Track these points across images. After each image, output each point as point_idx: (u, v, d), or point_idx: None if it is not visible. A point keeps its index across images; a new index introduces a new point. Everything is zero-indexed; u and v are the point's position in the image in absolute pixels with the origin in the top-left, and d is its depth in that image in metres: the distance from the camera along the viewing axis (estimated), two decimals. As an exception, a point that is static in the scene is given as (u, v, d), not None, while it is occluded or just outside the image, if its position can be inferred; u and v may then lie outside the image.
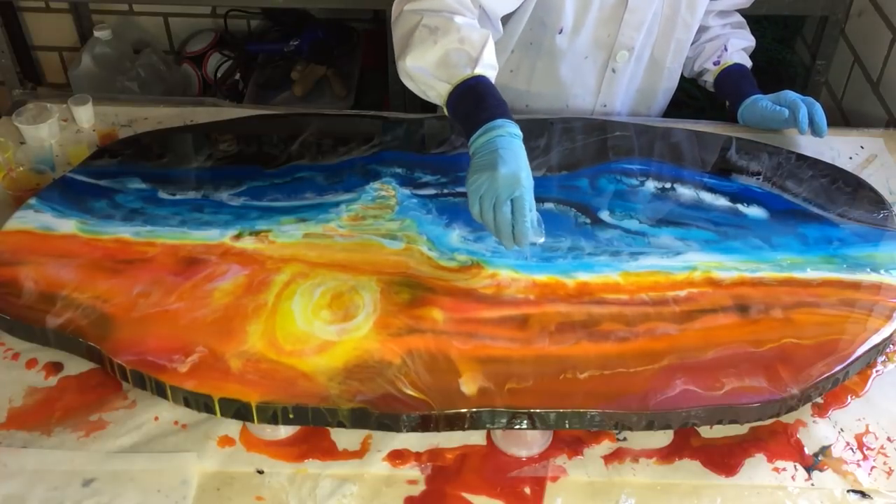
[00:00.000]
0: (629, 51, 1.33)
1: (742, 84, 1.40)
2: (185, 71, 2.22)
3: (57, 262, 1.04)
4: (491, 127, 1.03)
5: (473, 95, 1.06)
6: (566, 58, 1.33)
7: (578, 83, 1.37)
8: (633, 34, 1.31)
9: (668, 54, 1.37)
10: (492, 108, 1.05)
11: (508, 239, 1.00)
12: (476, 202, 1.00)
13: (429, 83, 1.10)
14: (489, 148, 1.01)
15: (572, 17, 1.29)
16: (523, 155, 1.02)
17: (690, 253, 1.09)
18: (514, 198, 0.99)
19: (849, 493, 0.89)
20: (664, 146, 1.30)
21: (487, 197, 0.99)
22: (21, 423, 0.93)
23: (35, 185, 1.22)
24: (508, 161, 0.99)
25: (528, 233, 0.99)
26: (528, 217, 0.98)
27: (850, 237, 1.12)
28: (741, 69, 1.43)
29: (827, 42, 1.85)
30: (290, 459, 0.91)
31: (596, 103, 1.40)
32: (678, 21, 1.32)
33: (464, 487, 0.88)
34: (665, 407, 0.89)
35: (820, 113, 1.29)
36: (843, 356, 0.95)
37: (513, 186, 0.98)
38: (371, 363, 0.92)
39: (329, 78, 2.13)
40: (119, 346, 0.94)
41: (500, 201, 0.98)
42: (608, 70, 1.35)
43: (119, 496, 0.86)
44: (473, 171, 1.01)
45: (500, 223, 0.99)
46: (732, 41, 1.43)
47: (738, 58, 1.43)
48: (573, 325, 0.98)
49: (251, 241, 1.08)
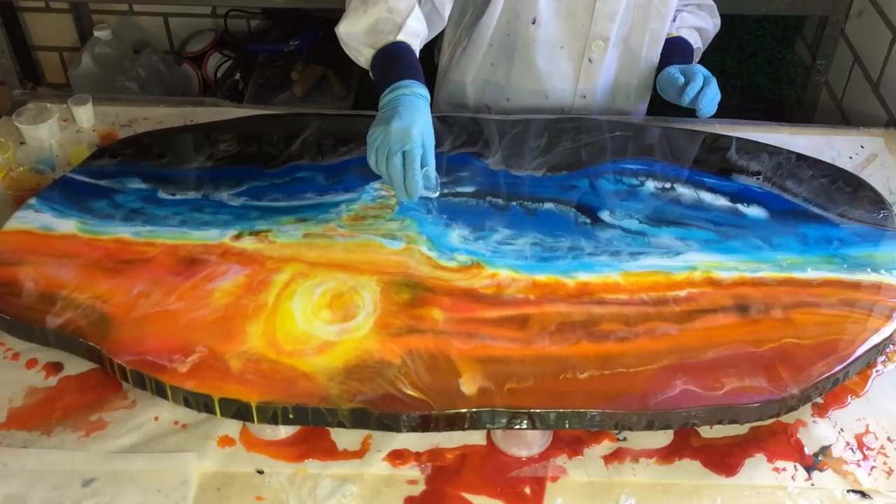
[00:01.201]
0: (604, 40, 1.33)
1: (672, 56, 1.38)
2: (185, 71, 2.22)
3: (57, 262, 1.04)
4: (398, 86, 1.10)
5: (391, 58, 1.14)
6: (542, 48, 1.34)
7: (556, 74, 1.37)
8: (606, 24, 1.31)
9: (643, 44, 1.36)
10: (404, 70, 1.12)
11: (401, 190, 1.06)
12: (372, 153, 1.06)
13: (358, 48, 1.18)
14: (391, 105, 1.08)
15: (545, 7, 1.30)
16: (423, 114, 1.08)
17: (690, 253, 1.09)
18: (405, 151, 1.04)
19: (849, 493, 0.89)
20: (664, 146, 1.30)
21: (381, 149, 1.05)
22: (21, 423, 0.93)
23: (35, 185, 1.22)
24: (404, 117, 1.06)
25: (418, 186, 1.05)
26: (416, 171, 1.04)
27: (851, 237, 1.12)
28: (682, 43, 1.40)
29: (827, 42, 1.85)
30: (290, 459, 0.91)
31: (575, 94, 1.40)
32: (652, 10, 1.32)
33: (464, 487, 0.88)
34: (665, 407, 0.89)
35: (710, 93, 1.27)
36: (843, 356, 0.95)
37: (403, 140, 1.04)
38: (371, 363, 0.92)
39: (329, 78, 2.13)
40: (119, 346, 0.94)
41: (391, 153, 1.04)
42: (585, 60, 1.36)
43: (119, 496, 0.86)
44: (373, 125, 1.07)
45: (392, 174, 1.05)
46: (684, 15, 1.41)
47: (685, 33, 1.41)
48: (573, 325, 0.98)
49: (251, 241, 1.08)
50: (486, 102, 1.44)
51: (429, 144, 1.07)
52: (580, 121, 1.34)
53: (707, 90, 1.27)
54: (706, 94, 1.27)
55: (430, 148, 1.07)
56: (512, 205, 1.16)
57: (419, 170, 1.04)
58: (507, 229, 1.12)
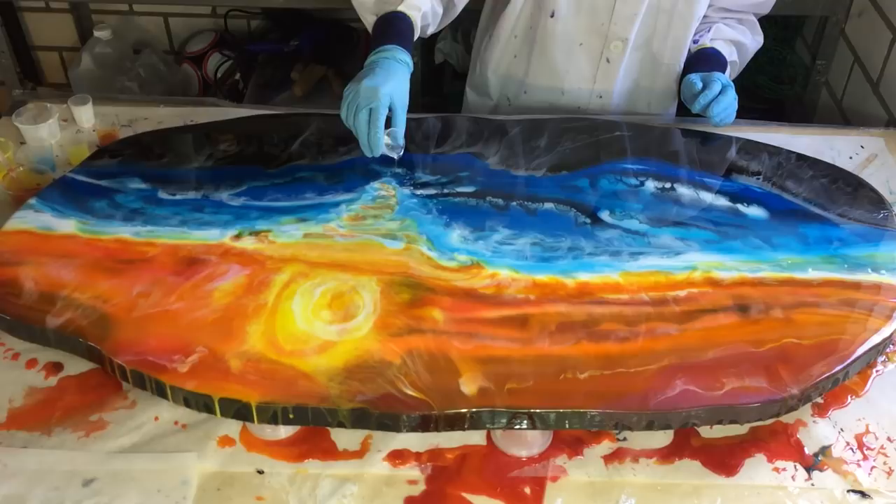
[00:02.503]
0: (623, 41, 1.33)
1: (702, 65, 1.35)
2: (185, 71, 2.22)
3: (57, 262, 1.04)
4: (382, 49, 1.18)
5: (387, 25, 1.22)
6: (560, 43, 1.34)
7: (573, 70, 1.38)
8: (626, 25, 1.31)
9: (665, 50, 1.36)
10: (392, 37, 1.19)
11: (365, 145, 1.12)
12: (344, 107, 1.13)
13: (364, 16, 1.27)
14: (371, 66, 1.16)
15: (565, 1, 1.30)
16: (398, 76, 1.15)
17: (690, 253, 1.09)
18: (371, 108, 1.10)
19: (849, 493, 0.89)
20: (664, 146, 1.30)
21: (351, 104, 1.12)
22: (21, 423, 0.93)
23: (35, 185, 1.22)
24: (378, 76, 1.13)
25: (379, 143, 1.11)
26: (379, 128, 1.10)
27: (851, 237, 1.12)
28: (714, 54, 1.37)
29: (827, 42, 1.85)
30: (291, 459, 0.91)
31: (592, 93, 1.40)
32: (675, 17, 1.32)
33: (464, 487, 0.88)
34: (665, 407, 0.89)
35: (725, 101, 1.27)
36: (843, 356, 0.95)
37: (370, 98, 1.10)
38: (371, 363, 0.92)
39: (329, 78, 2.13)
40: (119, 346, 0.94)
41: (358, 109, 1.10)
42: (602, 59, 1.36)
43: (119, 496, 0.86)
44: (351, 81, 1.14)
45: (357, 129, 1.12)
46: (720, 27, 1.39)
47: (719, 45, 1.39)
48: (573, 325, 0.98)
49: (251, 241, 1.08)
50: (506, 94, 1.45)
51: (398, 106, 1.13)
52: (580, 121, 1.34)
53: (722, 98, 1.27)
54: (720, 101, 1.27)
55: (401, 110, 1.14)
56: (512, 205, 1.16)
57: (382, 127, 1.11)
58: (507, 229, 1.12)
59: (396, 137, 1.14)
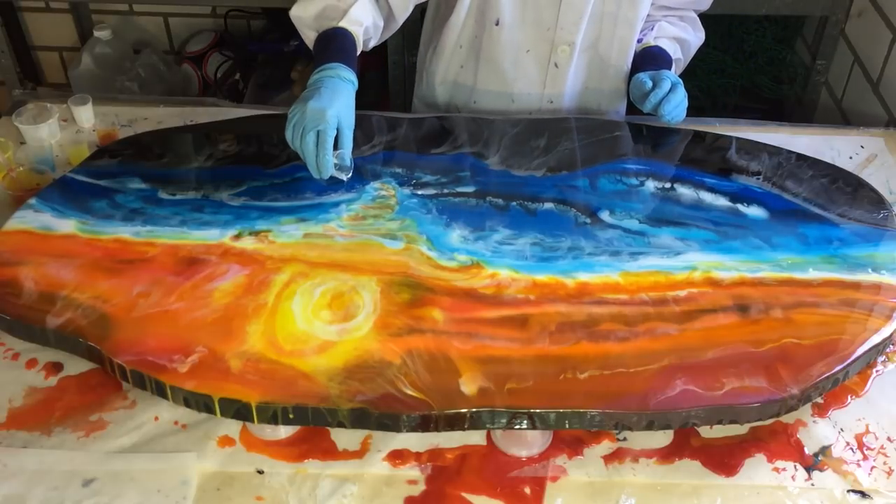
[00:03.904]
0: (570, 46, 1.32)
1: (648, 64, 1.34)
2: (185, 71, 2.22)
3: (57, 262, 1.04)
4: (326, 68, 1.15)
5: (329, 42, 1.19)
6: (506, 51, 1.33)
7: (522, 77, 1.37)
8: (571, 29, 1.30)
9: (612, 52, 1.35)
10: (335, 54, 1.17)
11: (313, 168, 1.10)
12: (289, 129, 1.10)
13: (305, 32, 1.24)
14: (315, 85, 1.13)
15: (509, 9, 1.29)
16: (344, 97, 1.13)
17: (690, 253, 1.09)
18: (318, 130, 1.08)
19: (849, 493, 0.89)
20: (664, 146, 1.30)
21: (297, 126, 1.09)
22: (21, 423, 0.93)
23: (35, 185, 1.22)
24: (324, 97, 1.10)
25: (328, 165, 1.09)
26: (328, 151, 1.08)
27: (851, 237, 1.12)
28: (659, 52, 1.36)
29: (827, 42, 1.85)
30: (290, 459, 0.91)
31: (542, 98, 1.39)
32: (619, 18, 1.31)
33: (464, 487, 0.88)
34: (665, 407, 0.89)
35: (675, 99, 1.25)
36: (843, 356, 0.95)
37: (318, 120, 1.08)
38: (371, 363, 0.92)
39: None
40: (119, 346, 0.94)
41: (305, 131, 1.08)
42: (551, 64, 1.35)
43: (119, 496, 0.86)
44: (296, 102, 1.12)
45: (304, 152, 1.09)
46: (663, 25, 1.38)
47: (664, 43, 1.38)
48: (573, 325, 0.98)
49: (251, 241, 1.08)
50: (455, 104, 1.43)
51: (346, 127, 1.12)
52: (580, 121, 1.34)
53: (672, 96, 1.25)
54: (670, 99, 1.25)
55: (348, 131, 1.12)
56: (512, 205, 1.16)
57: (331, 150, 1.09)
58: (507, 229, 1.12)
59: (344, 159, 1.12)
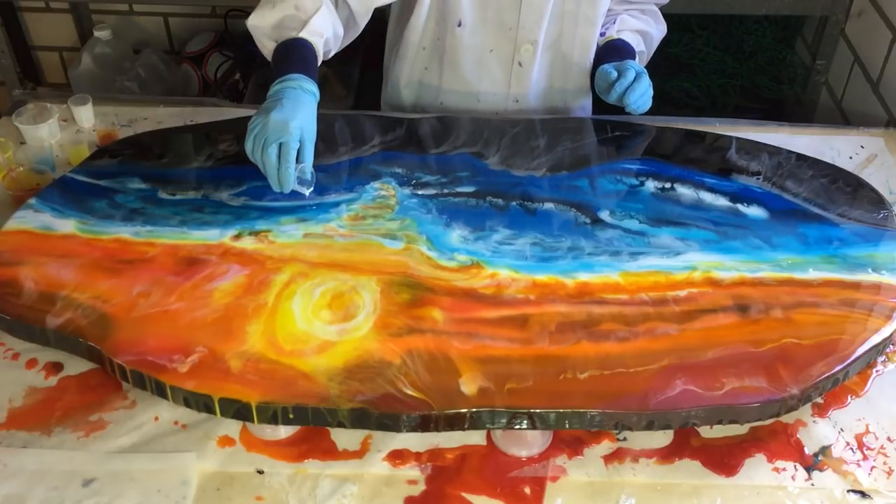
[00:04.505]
0: (533, 44, 1.32)
1: (612, 57, 1.33)
2: (185, 71, 2.22)
3: (57, 262, 1.04)
4: (287, 79, 1.13)
5: (289, 52, 1.16)
6: (470, 51, 1.33)
7: (486, 77, 1.37)
8: (533, 28, 1.30)
9: (574, 49, 1.35)
10: (296, 64, 1.14)
11: (274, 181, 1.08)
12: (249, 141, 1.08)
13: (263, 42, 1.20)
14: (276, 96, 1.11)
15: (469, 11, 1.29)
16: (306, 108, 1.11)
17: (690, 253, 1.09)
18: (281, 143, 1.06)
19: (849, 493, 0.89)
20: (664, 146, 1.30)
21: (259, 138, 1.07)
22: (21, 423, 0.93)
23: (35, 185, 1.22)
24: (286, 109, 1.08)
25: (290, 179, 1.07)
26: (291, 163, 1.07)
27: (851, 237, 1.12)
28: (623, 45, 1.36)
29: (827, 42, 1.85)
30: (290, 459, 0.91)
31: (508, 97, 1.39)
32: (580, 16, 1.31)
33: (464, 487, 0.88)
34: (665, 407, 0.89)
35: (640, 88, 1.24)
36: (843, 356, 0.95)
37: (280, 132, 1.06)
38: (371, 363, 0.92)
39: (329, 78, 2.12)
40: (119, 346, 0.94)
41: (267, 143, 1.06)
42: (515, 63, 1.35)
43: (119, 496, 0.86)
44: (256, 114, 1.10)
45: (266, 164, 1.07)
46: (624, 18, 1.39)
47: (626, 36, 1.38)
48: (573, 325, 0.98)
49: (251, 241, 1.08)
50: (422, 105, 1.43)
51: (308, 139, 1.10)
52: (580, 121, 1.34)
53: (637, 85, 1.24)
54: (635, 89, 1.24)
55: (310, 143, 1.10)
56: (512, 205, 1.16)
57: (293, 162, 1.07)
58: (507, 229, 1.12)
59: (306, 172, 1.10)
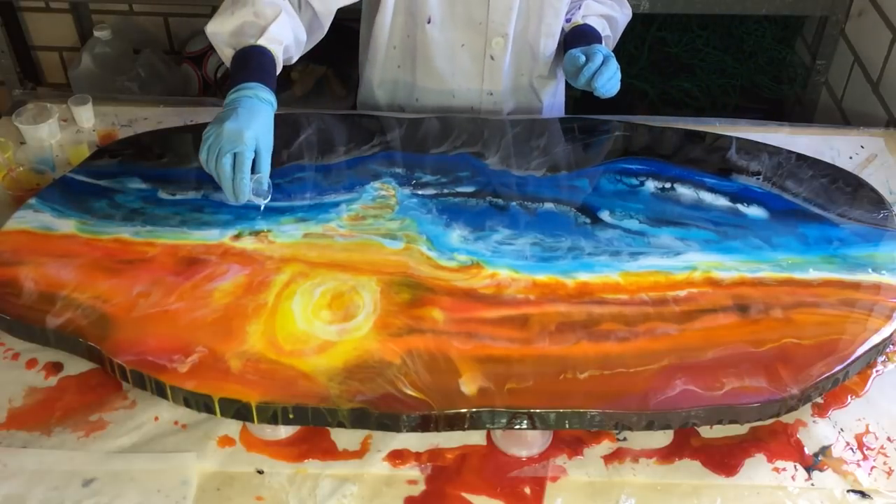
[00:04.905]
0: (504, 37, 1.32)
1: (580, 42, 1.33)
2: (185, 71, 2.22)
3: (57, 262, 1.04)
4: (243, 87, 1.10)
5: (246, 60, 1.14)
6: (441, 48, 1.33)
7: (459, 72, 1.37)
8: (503, 21, 1.30)
9: (539, 39, 1.35)
10: (253, 73, 1.12)
11: (229, 192, 1.06)
12: (204, 150, 1.06)
13: (222, 49, 1.18)
14: (232, 105, 1.08)
15: (438, 7, 1.29)
16: (262, 118, 1.08)
17: (690, 253, 1.09)
18: (236, 153, 1.04)
19: (849, 493, 0.89)
20: (664, 146, 1.30)
21: (213, 147, 1.05)
22: (21, 423, 0.93)
23: (35, 185, 1.22)
24: (241, 118, 1.06)
25: (245, 189, 1.05)
26: (245, 174, 1.04)
27: (851, 237, 1.12)
28: (589, 30, 1.36)
29: (827, 42, 1.85)
30: (290, 459, 0.91)
31: (482, 91, 1.39)
32: (545, 6, 1.32)
33: (464, 487, 0.88)
34: (665, 407, 0.89)
35: (608, 72, 1.24)
36: (843, 356, 0.95)
37: (235, 142, 1.04)
38: (371, 363, 0.92)
39: (329, 78, 2.12)
40: (119, 346, 0.94)
41: (221, 153, 1.04)
42: (487, 58, 1.35)
43: (119, 496, 0.86)
44: (211, 123, 1.08)
45: (220, 174, 1.05)
46: (589, 3, 1.38)
47: (592, 21, 1.38)
48: (573, 325, 0.98)
49: (251, 241, 1.08)
50: (398, 103, 1.43)
51: (264, 149, 1.07)
52: (580, 121, 1.34)
53: (605, 69, 1.24)
54: (603, 73, 1.24)
55: (266, 153, 1.08)
56: (512, 205, 1.16)
57: (248, 173, 1.05)
58: (507, 229, 1.12)
59: (262, 183, 1.08)
